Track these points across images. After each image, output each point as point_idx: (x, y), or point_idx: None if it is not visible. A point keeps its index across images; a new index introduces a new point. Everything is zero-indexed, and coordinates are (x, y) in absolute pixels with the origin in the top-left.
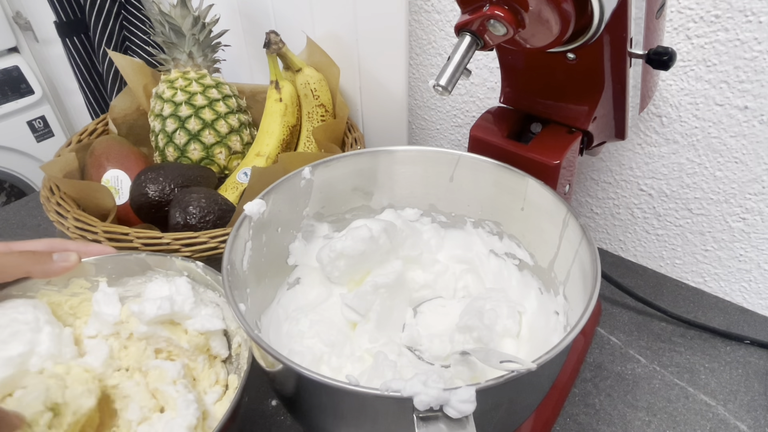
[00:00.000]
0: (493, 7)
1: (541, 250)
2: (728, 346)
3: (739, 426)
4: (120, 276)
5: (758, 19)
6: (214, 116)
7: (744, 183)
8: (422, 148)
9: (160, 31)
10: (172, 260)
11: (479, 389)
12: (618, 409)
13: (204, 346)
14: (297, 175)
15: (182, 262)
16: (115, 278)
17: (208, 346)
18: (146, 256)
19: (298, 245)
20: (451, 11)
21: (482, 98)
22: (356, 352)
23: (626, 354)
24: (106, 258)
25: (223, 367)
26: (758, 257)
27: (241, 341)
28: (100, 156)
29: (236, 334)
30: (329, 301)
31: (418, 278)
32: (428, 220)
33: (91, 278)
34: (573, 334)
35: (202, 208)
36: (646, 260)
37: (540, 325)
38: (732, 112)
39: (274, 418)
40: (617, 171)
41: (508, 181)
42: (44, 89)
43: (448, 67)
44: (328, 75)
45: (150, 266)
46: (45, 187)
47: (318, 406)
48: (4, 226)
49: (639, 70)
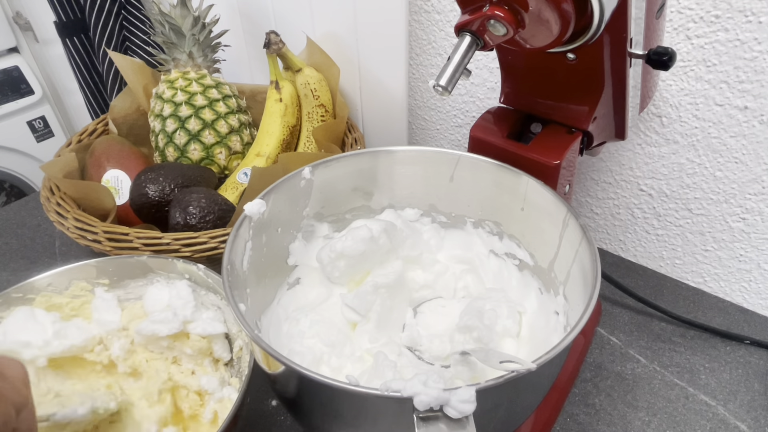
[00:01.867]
0: (493, 7)
1: (541, 250)
2: (728, 346)
3: (739, 426)
4: (121, 278)
5: (758, 19)
6: (214, 116)
7: (744, 183)
8: (422, 148)
9: (160, 31)
10: (173, 263)
11: (479, 389)
12: (618, 409)
13: (207, 349)
14: (297, 175)
15: (184, 265)
16: (117, 280)
17: (211, 350)
18: (147, 258)
19: (298, 245)
20: (451, 11)
21: (482, 98)
22: (356, 352)
23: (626, 354)
24: (108, 260)
25: (226, 370)
26: (758, 257)
27: (243, 345)
28: (100, 156)
29: (237, 337)
30: (329, 301)
31: (418, 278)
32: (428, 220)
33: (92, 280)
34: (573, 334)
35: (202, 208)
36: (646, 260)
37: (540, 325)
38: (732, 112)
39: (274, 418)
40: (617, 171)
41: (508, 181)
42: (44, 89)
43: (448, 67)
44: (328, 75)
45: (151, 269)
46: (45, 187)
47: (318, 406)
48: (4, 226)
49: (639, 70)
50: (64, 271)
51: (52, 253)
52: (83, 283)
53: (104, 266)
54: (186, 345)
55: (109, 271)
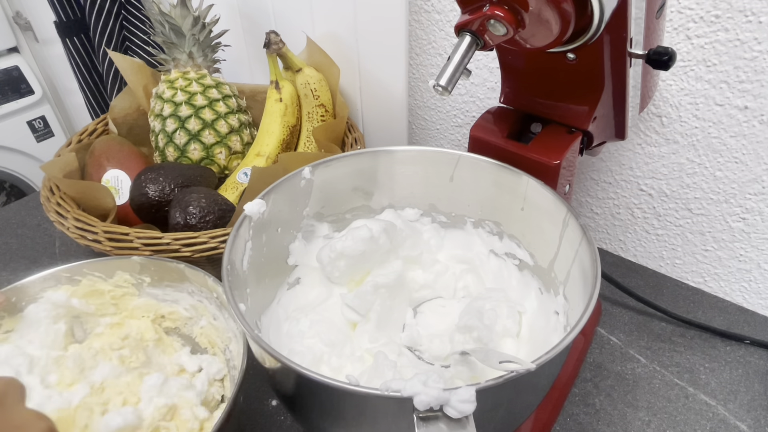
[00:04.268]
0: (493, 7)
1: (541, 250)
2: (728, 346)
3: (739, 426)
4: (162, 279)
5: (758, 19)
6: (214, 116)
7: (744, 183)
8: (422, 148)
9: (160, 31)
10: (205, 278)
11: (479, 389)
12: (618, 409)
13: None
14: (297, 175)
15: (213, 284)
16: (158, 280)
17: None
18: (185, 267)
19: (298, 245)
20: (451, 11)
21: (482, 98)
22: (356, 352)
23: (626, 354)
24: (150, 260)
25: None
26: (758, 257)
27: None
28: (100, 156)
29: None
30: (329, 301)
31: (418, 278)
32: (428, 220)
33: (136, 275)
34: (573, 334)
35: (202, 208)
36: (646, 260)
37: (540, 325)
38: (732, 112)
39: (274, 418)
40: (617, 171)
41: (508, 181)
42: (44, 89)
43: (448, 67)
44: (328, 75)
45: (187, 277)
46: (45, 187)
47: (318, 406)
48: (4, 226)
49: (639, 70)
50: (110, 261)
51: (52, 253)
52: (127, 276)
53: (147, 265)
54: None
55: (151, 270)
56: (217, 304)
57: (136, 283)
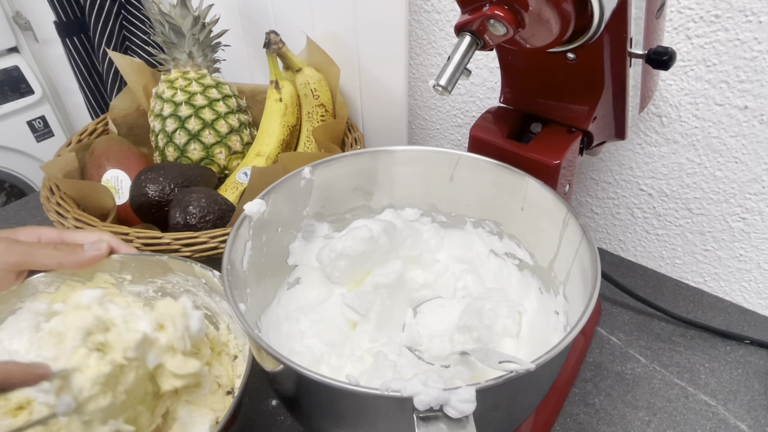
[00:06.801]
0: (493, 7)
1: (541, 250)
2: (728, 346)
3: (739, 426)
4: (143, 275)
5: (758, 19)
6: (214, 116)
7: (744, 183)
8: (422, 148)
9: (160, 31)
10: (191, 266)
11: (479, 389)
12: (618, 409)
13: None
14: (297, 175)
15: (201, 270)
16: (139, 276)
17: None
18: (168, 259)
19: (298, 245)
20: (451, 11)
21: (482, 98)
22: (356, 352)
23: (626, 354)
24: (130, 257)
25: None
26: (758, 257)
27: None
28: (100, 156)
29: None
30: (329, 301)
31: (418, 278)
32: (428, 220)
33: (116, 274)
34: (573, 334)
35: (202, 208)
36: (646, 260)
37: (540, 325)
38: (732, 112)
39: (274, 418)
40: (617, 171)
41: (508, 181)
42: (44, 89)
43: (448, 67)
44: (328, 75)
45: (171, 269)
46: (45, 187)
47: (318, 406)
48: (4, 226)
49: (639, 70)
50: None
51: None
52: (106, 276)
53: (127, 262)
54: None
55: (131, 266)
56: (206, 289)
57: (116, 282)
